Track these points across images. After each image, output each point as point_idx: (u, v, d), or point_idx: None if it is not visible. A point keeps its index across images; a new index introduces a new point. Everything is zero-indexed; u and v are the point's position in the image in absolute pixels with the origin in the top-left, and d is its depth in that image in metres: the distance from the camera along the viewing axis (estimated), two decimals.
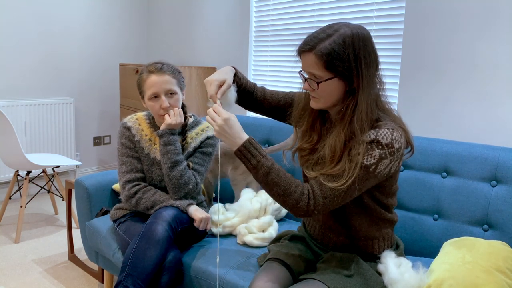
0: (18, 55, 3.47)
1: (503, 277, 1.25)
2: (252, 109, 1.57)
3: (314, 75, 1.24)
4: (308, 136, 1.38)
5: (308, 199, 1.22)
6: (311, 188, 1.24)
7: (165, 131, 1.76)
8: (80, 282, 2.33)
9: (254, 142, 1.28)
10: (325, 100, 1.27)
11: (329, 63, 1.19)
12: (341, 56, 1.18)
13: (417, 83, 2.31)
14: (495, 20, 2.01)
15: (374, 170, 1.21)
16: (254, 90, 1.54)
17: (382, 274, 1.32)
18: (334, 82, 1.22)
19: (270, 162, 1.26)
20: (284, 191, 1.23)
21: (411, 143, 1.31)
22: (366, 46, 1.21)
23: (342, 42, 1.18)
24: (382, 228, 1.38)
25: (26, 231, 2.94)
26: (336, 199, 1.22)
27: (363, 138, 1.21)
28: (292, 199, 1.23)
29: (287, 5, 2.99)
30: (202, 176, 1.85)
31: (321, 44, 1.19)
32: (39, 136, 3.57)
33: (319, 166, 1.31)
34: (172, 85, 1.76)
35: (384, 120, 1.25)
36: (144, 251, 1.56)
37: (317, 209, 1.22)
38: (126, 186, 1.79)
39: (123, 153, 1.83)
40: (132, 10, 4.14)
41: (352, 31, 1.20)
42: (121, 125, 1.87)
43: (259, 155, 1.26)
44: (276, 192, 1.24)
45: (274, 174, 1.24)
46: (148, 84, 1.76)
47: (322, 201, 1.22)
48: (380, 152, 1.20)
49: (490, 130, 2.08)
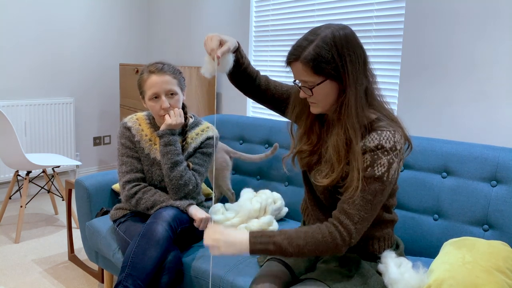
0: (18, 55, 3.47)
1: (503, 277, 1.25)
2: (252, 95, 1.54)
3: (306, 82, 1.25)
4: (306, 138, 1.38)
5: (341, 235, 1.21)
6: (337, 221, 1.23)
7: (165, 132, 1.76)
8: (80, 282, 2.33)
9: (256, 232, 1.26)
10: (323, 104, 1.27)
11: (316, 67, 1.20)
12: (326, 58, 1.20)
13: (417, 83, 2.31)
14: (495, 20, 2.01)
15: (387, 178, 1.21)
16: (257, 77, 1.51)
17: (383, 274, 1.32)
18: (327, 84, 1.23)
19: (281, 234, 1.24)
20: (315, 245, 1.22)
21: (408, 139, 1.32)
22: (349, 44, 1.22)
23: (324, 44, 1.20)
24: (383, 228, 1.38)
25: (26, 231, 2.94)
26: (366, 219, 1.22)
27: (368, 144, 1.22)
28: (327, 246, 1.22)
29: (287, 5, 2.99)
30: (202, 177, 1.85)
31: (305, 51, 1.21)
32: (39, 136, 3.57)
33: (324, 168, 1.31)
34: (173, 85, 1.76)
35: (382, 120, 1.26)
36: (144, 251, 1.56)
37: (354, 238, 1.22)
38: (126, 186, 1.79)
39: (123, 153, 1.83)
40: (132, 10, 4.14)
41: (333, 32, 1.21)
42: (121, 125, 1.87)
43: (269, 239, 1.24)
44: (308, 250, 1.22)
45: (294, 239, 1.23)
46: (148, 84, 1.76)
47: (353, 228, 1.21)
48: (387, 158, 1.21)
49: (490, 130, 2.08)
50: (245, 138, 2.36)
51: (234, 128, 2.40)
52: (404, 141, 1.29)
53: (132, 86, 3.55)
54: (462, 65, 2.14)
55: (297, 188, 2.12)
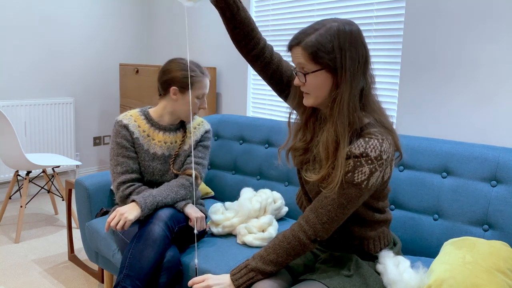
0: (18, 55, 3.47)
1: (503, 277, 1.25)
2: (254, 61, 1.42)
3: (302, 68, 1.25)
4: (302, 134, 1.38)
5: (305, 233, 1.27)
6: (305, 219, 1.28)
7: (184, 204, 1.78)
8: (80, 282, 2.33)
9: (234, 273, 1.32)
10: (315, 95, 1.27)
11: (315, 54, 1.20)
12: (326, 48, 1.20)
13: (417, 83, 2.31)
14: (495, 20, 2.01)
15: (366, 185, 1.22)
16: (257, 37, 1.39)
17: (381, 274, 1.32)
18: (322, 74, 1.23)
19: (254, 258, 1.32)
20: (287, 254, 1.29)
21: (399, 148, 1.32)
22: (352, 40, 1.21)
23: (328, 35, 1.20)
24: (376, 228, 1.38)
25: (26, 231, 2.94)
26: (334, 220, 1.25)
27: (353, 150, 1.21)
28: (296, 248, 1.28)
29: (287, 4, 2.98)
30: (205, 169, 1.91)
31: (308, 38, 1.22)
32: (39, 136, 3.57)
33: (315, 165, 1.31)
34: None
35: (373, 126, 1.25)
36: (141, 251, 1.56)
37: (319, 235, 1.27)
38: (121, 187, 1.78)
39: (118, 153, 1.81)
40: (132, 10, 4.14)
41: (338, 25, 1.21)
42: (116, 124, 1.84)
43: (245, 269, 1.31)
44: (284, 259, 1.30)
45: (266, 257, 1.30)
46: (201, 85, 1.84)
47: (320, 227, 1.26)
48: (370, 167, 1.21)
49: (490, 130, 2.08)
50: (245, 138, 2.36)
51: (234, 128, 2.40)
52: (394, 150, 1.28)
53: (132, 86, 3.55)
54: (462, 65, 2.14)
55: (297, 187, 2.12)
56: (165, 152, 1.85)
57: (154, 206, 1.68)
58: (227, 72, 3.44)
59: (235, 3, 1.33)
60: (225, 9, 1.32)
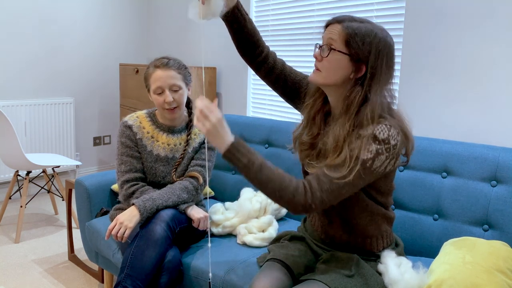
0: (18, 55, 3.47)
1: (503, 278, 1.25)
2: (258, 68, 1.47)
3: (331, 43, 1.24)
4: (308, 128, 1.38)
5: (305, 192, 1.20)
6: (308, 182, 1.22)
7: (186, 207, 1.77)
8: (80, 282, 2.33)
9: (242, 141, 1.27)
10: (327, 75, 1.26)
11: (350, 38, 1.21)
12: (364, 40, 1.21)
13: (417, 83, 2.31)
14: (494, 20, 2.01)
15: (370, 165, 1.20)
16: (262, 46, 1.45)
17: (383, 274, 1.32)
18: (344, 60, 1.23)
19: (261, 159, 1.24)
20: (279, 186, 1.20)
21: (408, 152, 1.30)
22: (390, 53, 1.25)
23: (372, 32, 1.22)
24: (381, 226, 1.38)
25: (26, 231, 2.94)
26: (333, 193, 1.20)
27: (362, 132, 1.22)
28: (288, 193, 1.20)
29: (287, 5, 2.98)
30: (210, 171, 1.91)
31: (353, 22, 1.23)
32: (39, 136, 3.57)
33: (320, 160, 1.31)
34: (177, 80, 1.78)
35: (386, 119, 1.25)
36: (143, 251, 1.56)
37: (315, 203, 1.20)
38: (124, 185, 1.79)
39: (123, 153, 1.83)
40: (132, 10, 4.14)
41: (386, 34, 1.25)
42: (121, 124, 1.87)
43: (248, 153, 1.24)
44: (271, 188, 1.21)
45: (267, 170, 1.22)
46: (153, 78, 1.78)
47: (319, 195, 1.20)
48: (377, 147, 1.20)
49: (490, 130, 2.08)
50: (245, 138, 2.36)
51: (234, 128, 2.40)
52: (402, 143, 1.26)
53: (132, 86, 3.55)
54: (462, 65, 2.14)
55: None
56: (168, 154, 1.85)
57: (153, 210, 1.67)
58: (227, 72, 3.45)
59: (242, 16, 1.38)
60: (233, 22, 1.38)
